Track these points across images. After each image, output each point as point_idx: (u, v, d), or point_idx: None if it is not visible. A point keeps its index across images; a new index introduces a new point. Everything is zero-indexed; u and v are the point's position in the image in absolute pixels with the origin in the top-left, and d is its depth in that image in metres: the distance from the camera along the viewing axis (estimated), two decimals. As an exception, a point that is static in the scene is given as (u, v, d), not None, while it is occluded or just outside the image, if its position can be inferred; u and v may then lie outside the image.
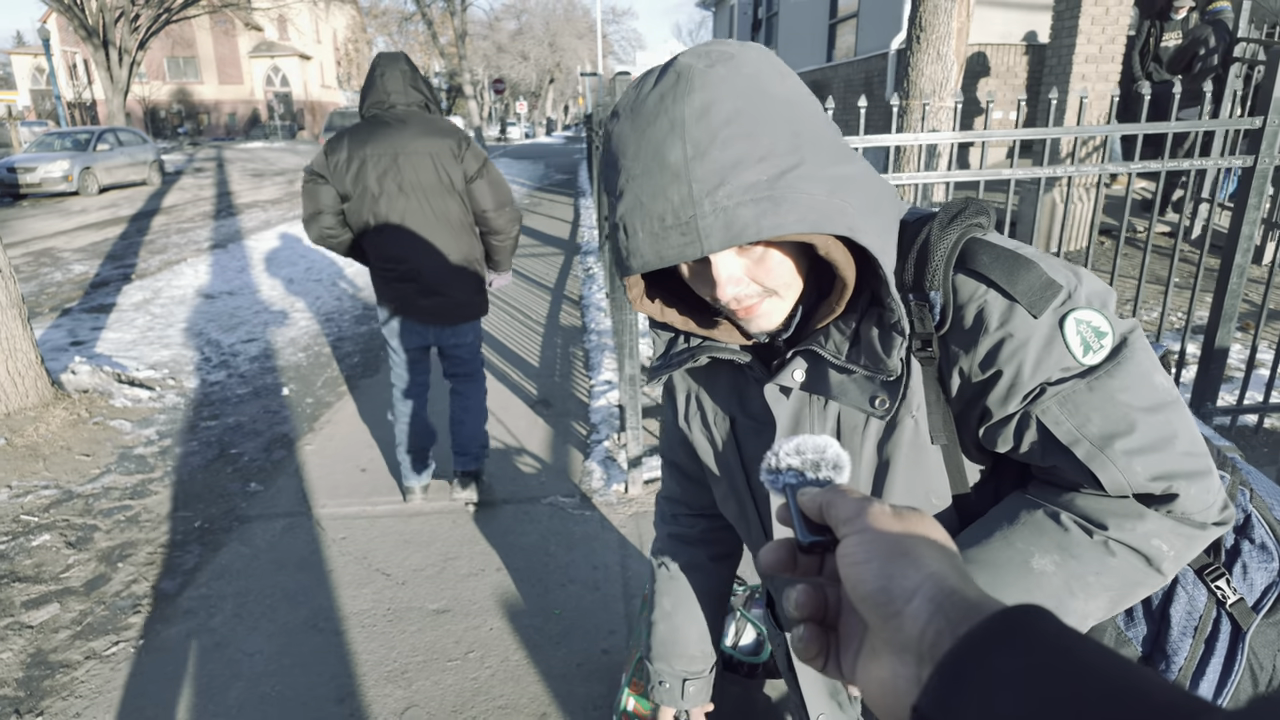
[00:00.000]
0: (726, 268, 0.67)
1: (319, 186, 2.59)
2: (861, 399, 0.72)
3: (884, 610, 0.35)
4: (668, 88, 0.62)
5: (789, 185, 0.61)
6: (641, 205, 0.63)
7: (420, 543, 2.84)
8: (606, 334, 5.30)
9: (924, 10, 4.12)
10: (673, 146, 0.61)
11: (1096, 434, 0.65)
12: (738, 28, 15.96)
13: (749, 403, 0.84)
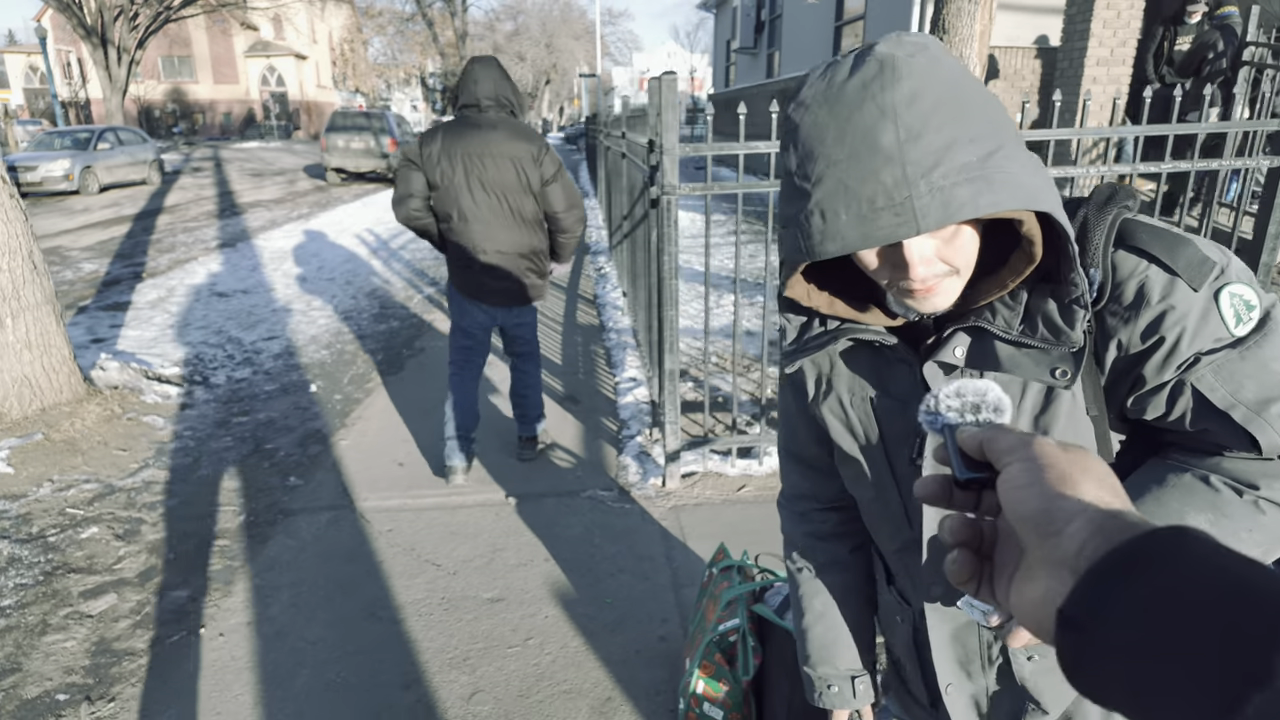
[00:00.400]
0: (921, 248, 0.69)
1: (412, 172, 2.89)
2: (1039, 371, 0.75)
3: (1044, 529, 0.36)
4: (870, 76, 0.64)
5: (997, 165, 0.64)
6: (847, 189, 0.65)
7: (467, 534, 2.88)
8: (625, 332, 5.35)
9: (947, 13, 4.19)
10: (884, 131, 0.63)
11: (1251, 399, 0.69)
12: (741, 30, 16.03)
13: (891, 383, 0.86)
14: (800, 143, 0.70)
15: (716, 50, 21.06)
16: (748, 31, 16.06)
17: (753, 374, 4.05)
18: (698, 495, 3.13)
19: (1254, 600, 0.28)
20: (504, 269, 2.99)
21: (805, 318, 0.89)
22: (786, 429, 1.07)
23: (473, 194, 2.89)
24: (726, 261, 7.35)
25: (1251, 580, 0.29)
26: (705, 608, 2.04)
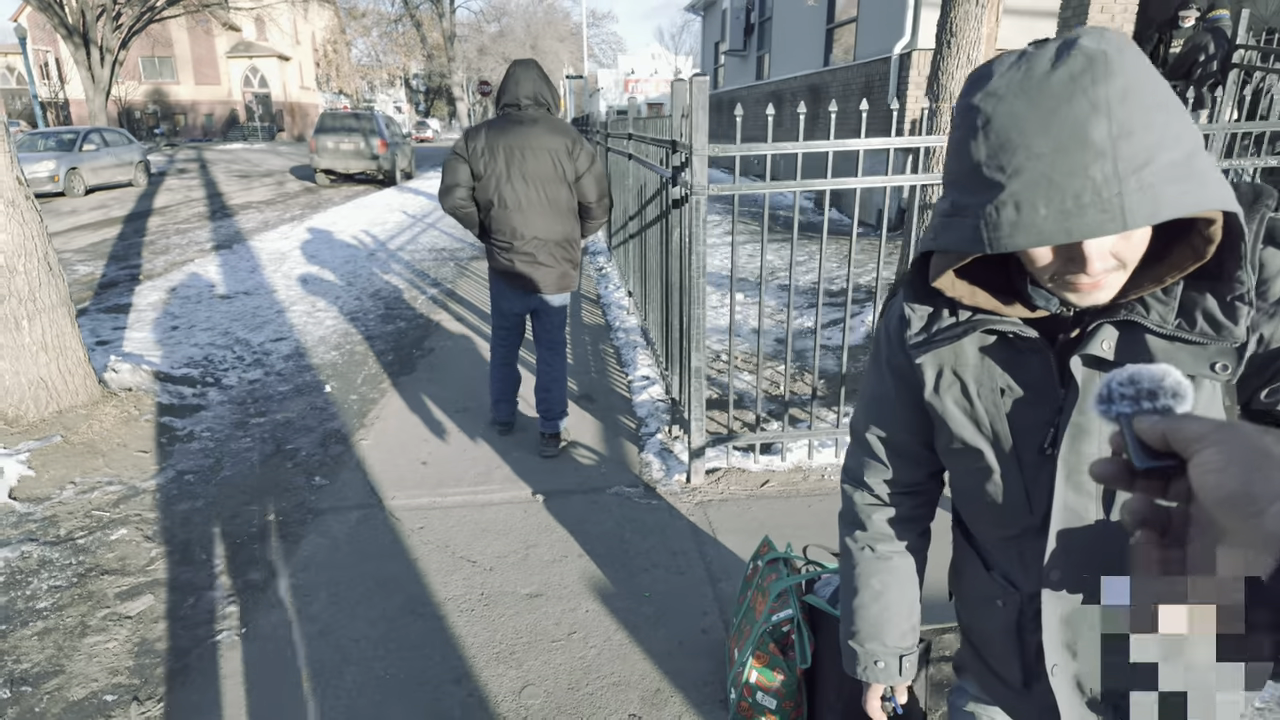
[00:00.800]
0: (1102, 245, 0.71)
1: (459, 164, 3.15)
2: (1197, 366, 0.77)
3: (1245, 510, 0.36)
4: (1078, 69, 0.64)
5: (1199, 165, 0.67)
6: (1051, 183, 0.66)
7: (498, 531, 2.90)
8: (633, 331, 5.38)
9: (955, 16, 4.26)
10: (1097, 126, 0.64)
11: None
12: (730, 31, 16.11)
13: (1023, 374, 0.87)
14: (993, 133, 0.70)
15: (704, 52, 21.14)
16: (737, 34, 16.14)
17: (764, 371, 4.10)
18: (723, 491, 3.17)
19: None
20: (540, 255, 3.24)
21: (931, 308, 0.91)
22: (876, 414, 1.08)
23: (513, 184, 3.14)
24: (726, 262, 7.41)
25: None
26: (753, 599, 2.08)
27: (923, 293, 0.92)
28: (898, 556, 1.11)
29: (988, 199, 0.70)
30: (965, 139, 0.73)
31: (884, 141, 2.86)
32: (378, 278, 7.53)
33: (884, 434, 1.08)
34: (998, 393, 0.90)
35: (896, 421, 1.05)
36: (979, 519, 1.01)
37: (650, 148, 4.12)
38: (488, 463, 3.47)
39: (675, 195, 3.22)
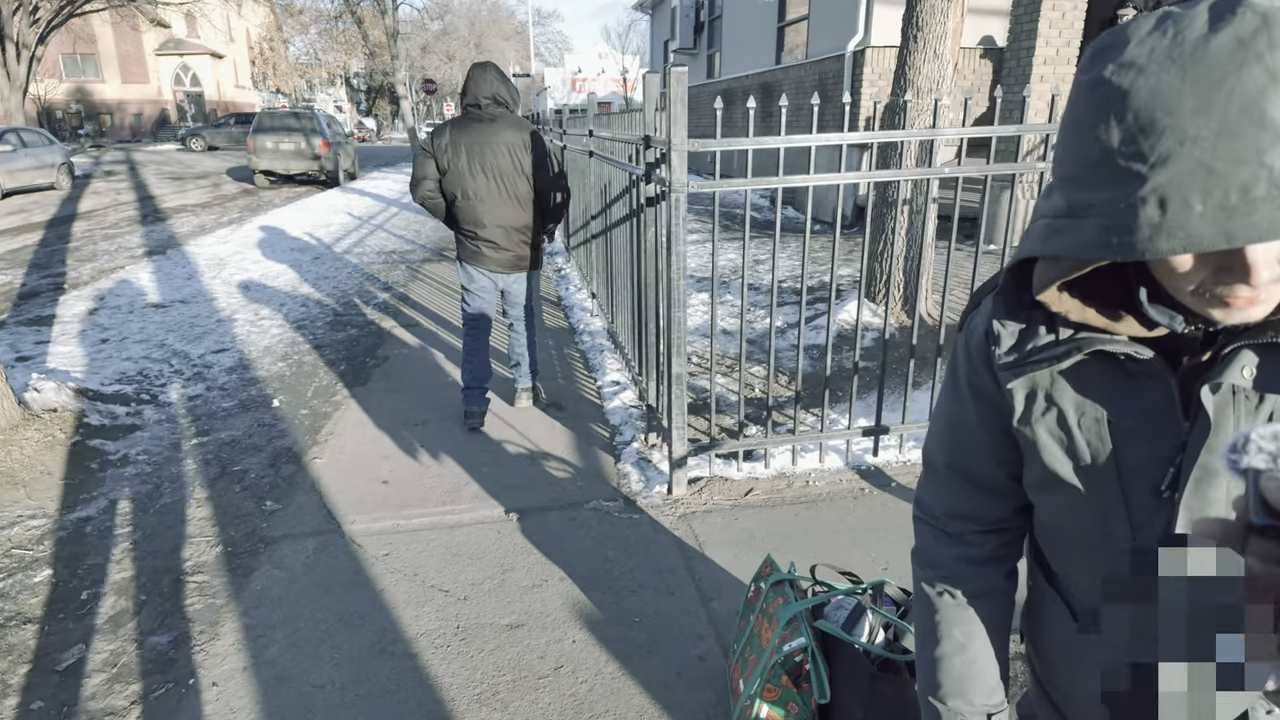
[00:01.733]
0: (1268, 251, 0.58)
1: (427, 160, 3.46)
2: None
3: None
4: (1249, 31, 0.52)
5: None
6: (1211, 172, 0.53)
7: (471, 555, 2.70)
8: (599, 334, 5.22)
9: (920, 11, 4.21)
10: (1277, 101, 0.51)
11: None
12: (680, 30, 16.05)
13: (1136, 402, 0.75)
14: (1131, 113, 0.56)
15: (654, 51, 21.06)
16: (687, 32, 16.09)
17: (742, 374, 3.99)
18: (706, 501, 3.03)
19: None
20: (503, 241, 3.54)
21: (1024, 324, 0.78)
22: (954, 441, 0.95)
23: (475, 177, 3.43)
24: (695, 261, 7.29)
25: None
26: (757, 625, 1.94)
27: (1016, 305, 0.79)
28: (982, 602, 0.97)
29: (1122, 195, 0.57)
30: (1090, 122, 0.60)
31: (867, 136, 2.76)
32: (325, 283, 7.19)
33: (964, 464, 0.95)
34: (1104, 424, 0.77)
35: (979, 451, 0.92)
36: (1070, 563, 0.88)
37: (617, 145, 3.95)
38: (454, 479, 3.26)
39: (649, 193, 3.07)
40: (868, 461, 3.31)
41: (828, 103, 9.35)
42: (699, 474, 3.19)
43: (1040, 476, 0.85)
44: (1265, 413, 0.68)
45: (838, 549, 2.71)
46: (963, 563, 0.98)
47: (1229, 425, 0.69)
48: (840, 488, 3.13)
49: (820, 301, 5.47)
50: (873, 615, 1.81)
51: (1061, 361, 0.75)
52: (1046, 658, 0.98)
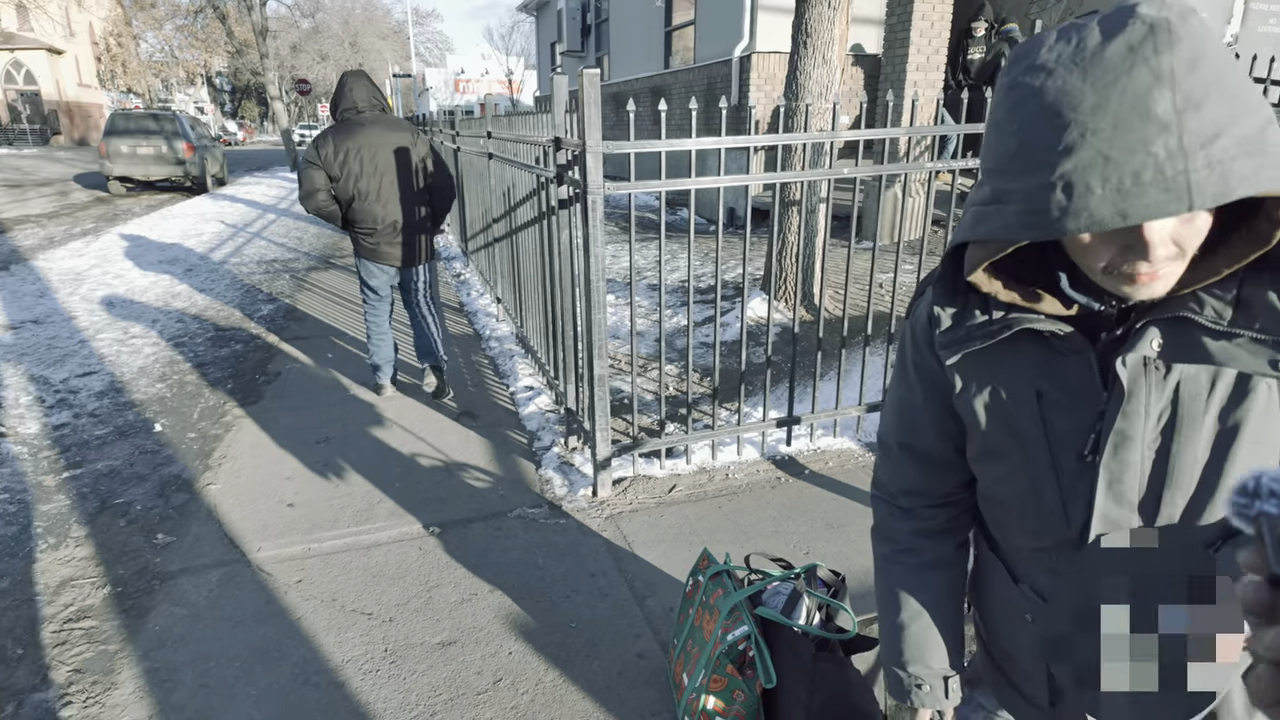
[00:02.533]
0: (1163, 231, 0.65)
1: (314, 170, 3.58)
2: (1257, 363, 0.72)
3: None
4: (1138, 38, 0.60)
5: (1273, 139, 0.61)
6: (1108, 160, 0.60)
7: (392, 575, 2.59)
8: (507, 339, 5.13)
9: (810, 17, 4.39)
10: (1160, 98, 0.59)
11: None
12: (567, 32, 16.01)
13: (1061, 376, 0.81)
14: (1040, 110, 0.64)
15: (540, 53, 20.91)
16: (574, 34, 16.07)
17: (657, 373, 4.02)
18: (631, 501, 3.04)
19: None
20: (399, 236, 3.76)
21: (961, 307, 0.84)
22: (903, 421, 1.02)
23: (367, 179, 3.62)
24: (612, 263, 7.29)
25: None
26: (698, 618, 1.96)
27: (952, 290, 0.86)
28: (936, 572, 1.04)
29: (1035, 182, 0.64)
30: (1008, 119, 0.67)
31: (772, 139, 2.85)
32: (202, 296, 6.70)
33: (913, 443, 1.01)
34: (1034, 396, 0.84)
35: (926, 428, 0.98)
36: (1008, 529, 0.95)
37: (521, 147, 3.90)
38: (367, 497, 3.12)
39: (562, 195, 3.04)
40: (782, 451, 3.42)
41: (715, 106, 9.58)
42: (623, 474, 3.20)
43: (980, 449, 0.92)
44: (1173, 382, 0.76)
45: (761, 537, 2.78)
46: (917, 536, 1.04)
47: (1141, 394, 0.77)
48: (758, 478, 3.22)
49: (726, 300, 5.60)
50: (809, 598, 1.87)
51: (994, 339, 0.82)
52: (990, 621, 1.05)
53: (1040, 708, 0.99)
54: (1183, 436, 0.76)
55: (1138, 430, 0.77)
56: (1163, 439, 0.77)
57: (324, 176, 3.56)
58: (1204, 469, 0.77)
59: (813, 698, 1.71)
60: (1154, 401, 0.77)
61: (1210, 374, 0.75)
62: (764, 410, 3.38)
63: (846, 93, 8.67)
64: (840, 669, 1.72)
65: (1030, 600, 0.94)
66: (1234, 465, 0.76)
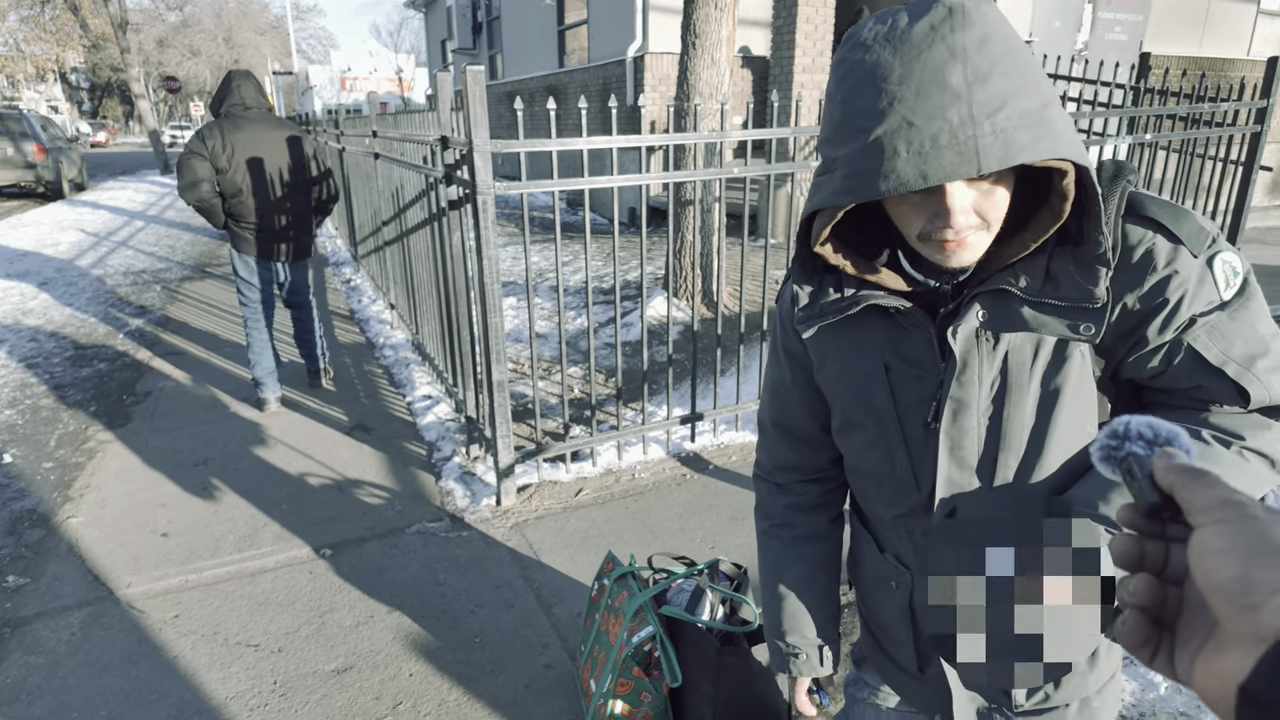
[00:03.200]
0: (962, 197, 0.71)
1: (197, 162, 3.54)
2: (1063, 328, 0.78)
3: (1240, 601, 0.33)
4: (939, 19, 0.66)
5: (1052, 116, 0.68)
6: (911, 126, 0.66)
7: (279, 602, 2.44)
8: (403, 347, 4.95)
9: (697, 19, 4.44)
10: (954, 71, 0.65)
11: (1241, 356, 0.76)
12: (457, 29, 15.65)
13: (906, 349, 0.86)
14: (859, 82, 0.70)
15: (430, 50, 20.36)
16: (465, 32, 15.73)
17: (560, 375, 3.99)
18: (537, 508, 2.98)
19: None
20: (281, 231, 3.78)
21: (815, 286, 0.89)
22: (776, 401, 1.06)
23: (253, 174, 3.63)
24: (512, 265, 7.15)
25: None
26: (604, 622, 1.94)
27: (810, 269, 0.90)
28: (810, 545, 1.08)
29: (854, 146, 0.70)
30: (834, 92, 0.73)
31: (664, 138, 2.86)
32: (59, 311, 6.13)
33: (785, 421, 1.06)
34: (883, 369, 0.89)
35: (795, 407, 1.03)
36: (871, 498, 1.00)
37: (408, 146, 3.77)
38: (250, 521, 2.93)
39: (452, 195, 2.95)
40: (686, 448, 3.45)
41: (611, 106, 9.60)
42: (527, 481, 3.14)
43: (841, 422, 0.97)
44: (1002, 351, 0.82)
45: (668, 535, 2.79)
46: (792, 510, 1.09)
47: (974, 363, 0.83)
48: (664, 476, 3.23)
49: (629, 299, 5.60)
50: (712, 593, 1.88)
51: (843, 314, 0.86)
52: (863, 592, 1.10)
53: (910, 674, 1.03)
54: (1012, 402, 0.82)
55: (973, 397, 0.83)
56: (995, 405, 0.83)
57: (208, 168, 3.55)
58: (1031, 431, 0.83)
59: (718, 692, 1.72)
60: (986, 370, 0.82)
61: (1034, 343, 0.81)
62: (668, 408, 3.40)
63: (737, 94, 8.86)
64: (744, 661, 1.73)
65: (894, 568, 0.99)
66: (1057, 427, 0.82)
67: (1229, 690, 0.32)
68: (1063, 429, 0.82)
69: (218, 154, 3.56)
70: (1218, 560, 0.34)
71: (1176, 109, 4.41)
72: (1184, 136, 4.56)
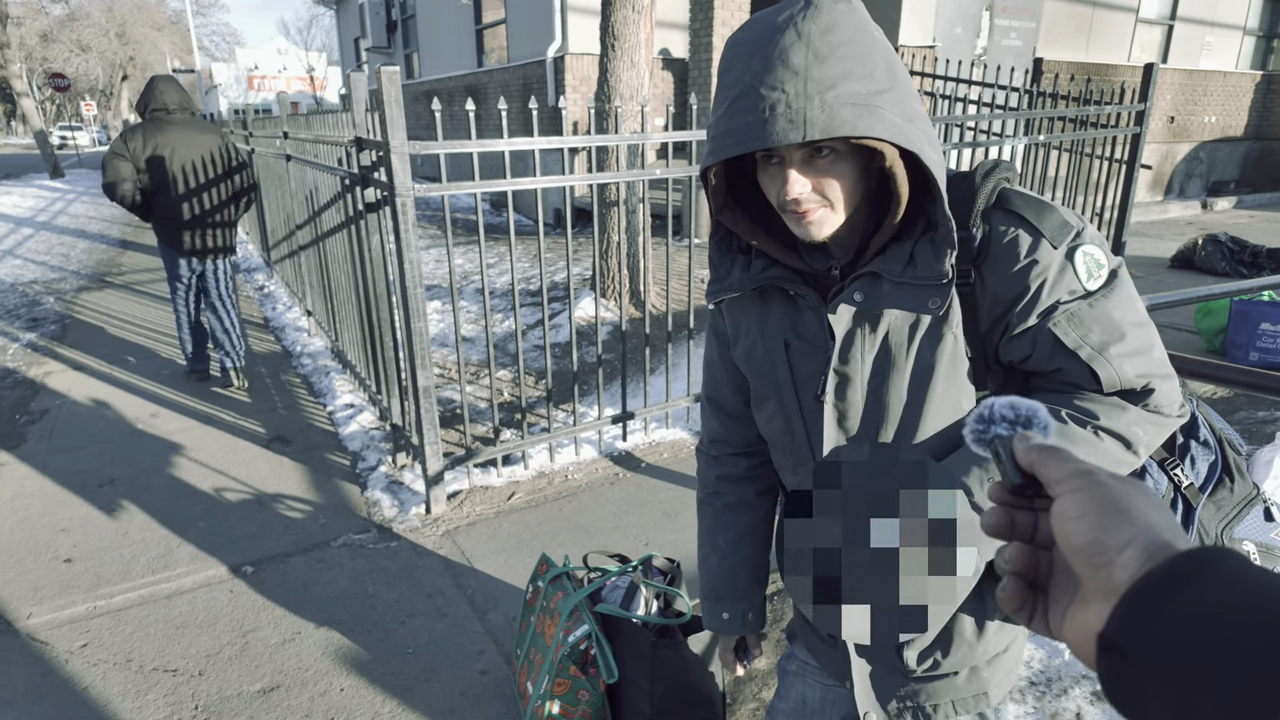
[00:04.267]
0: (797, 168, 0.81)
1: (121, 161, 3.78)
2: (918, 303, 0.85)
3: (1096, 560, 0.36)
4: (797, 11, 0.77)
5: (881, 103, 0.77)
6: (758, 94, 0.76)
7: (199, 624, 2.34)
8: (322, 354, 4.80)
9: (615, 20, 4.47)
10: (798, 52, 0.75)
11: (1097, 341, 0.83)
12: (371, 27, 15.21)
13: (803, 328, 0.94)
14: (730, 59, 0.80)
15: (343, 49, 19.73)
16: (379, 30, 15.31)
17: (490, 379, 3.95)
18: (469, 514, 2.95)
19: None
20: (203, 229, 4.03)
21: (729, 264, 0.97)
22: (709, 377, 1.14)
23: (175, 174, 3.88)
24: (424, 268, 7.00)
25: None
26: (539, 624, 1.94)
27: (725, 247, 0.98)
28: (738, 513, 1.16)
29: (719, 114, 0.80)
30: (720, 69, 0.83)
31: (585, 140, 2.87)
32: (-64, 327, 5.67)
33: (716, 396, 1.14)
34: (783, 346, 0.96)
35: (723, 383, 1.11)
36: (783, 469, 1.07)
37: (322, 147, 3.66)
38: (163, 542, 2.79)
39: (369, 198, 2.89)
40: (619, 448, 3.47)
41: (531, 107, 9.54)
42: (457, 487, 3.10)
43: (754, 395, 1.05)
44: (882, 330, 0.89)
45: (602, 534, 2.81)
46: (723, 480, 1.17)
47: (858, 341, 0.90)
48: (597, 476, 3.24)
49: (555, 301, 5.59)
50: (645, 589, 1.91)
51: (746, 288, 0.95)
52: None
53: (825, 642, 1.09)
54: (891, 378, 0.89)
55: (855, 372, 0.91)
56: (876, 380, 0.90)
57: (130, 168, 3.80)
58: (907, 405, 0.90)
59: (655, 684, 1.75)
60: (867, 348, 0.90)
61: (910, 323, 0.88)
62: (599, 409, 3.41)
63: (658, 95, 8.95)
64: (679, 653, 1.77)
65: None
66: (931, 402, 0.90)
67: (1091, 640, 0.35)
68: (937, 404, 0.89)
69: (138, 155, 3.81)
70: (1074, 526, 0.38)
71: (1066, 111, 4.70)
72: (1073, 137, 4.87)
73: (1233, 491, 1.04)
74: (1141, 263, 7.02)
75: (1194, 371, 1.79)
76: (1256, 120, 12.72)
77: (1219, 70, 11.99)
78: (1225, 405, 3.84)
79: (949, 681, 0.99)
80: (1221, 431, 1.06)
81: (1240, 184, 12.58)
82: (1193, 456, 1.02)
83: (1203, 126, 12.05)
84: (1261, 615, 0.29)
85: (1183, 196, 11.76)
